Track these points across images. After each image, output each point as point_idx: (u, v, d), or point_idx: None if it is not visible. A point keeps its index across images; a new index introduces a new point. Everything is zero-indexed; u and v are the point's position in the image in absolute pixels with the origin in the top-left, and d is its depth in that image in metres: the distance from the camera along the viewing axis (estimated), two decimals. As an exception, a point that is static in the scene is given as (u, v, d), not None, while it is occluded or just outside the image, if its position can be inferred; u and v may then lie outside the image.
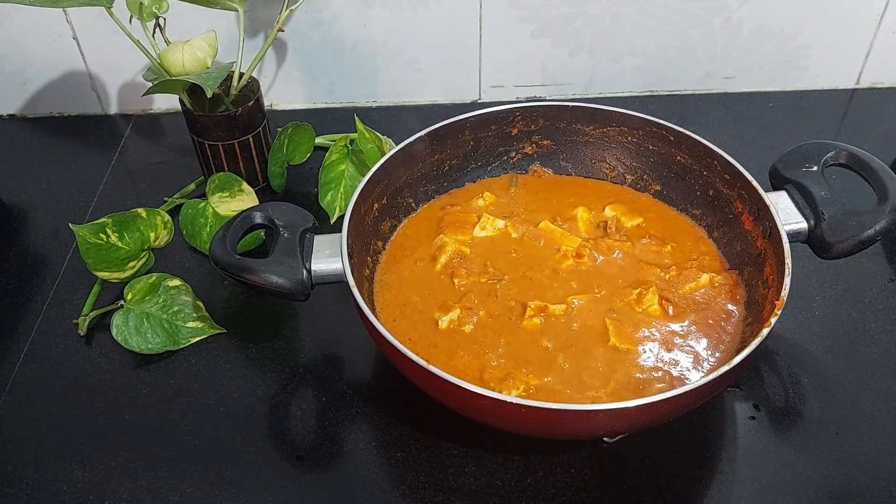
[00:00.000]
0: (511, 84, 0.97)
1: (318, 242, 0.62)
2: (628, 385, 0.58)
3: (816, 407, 0.63)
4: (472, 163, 0.76)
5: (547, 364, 0.59)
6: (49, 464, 0.61)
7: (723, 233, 0.69)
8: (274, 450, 0.61)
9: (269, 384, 0.66)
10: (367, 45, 0.92)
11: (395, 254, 0.70)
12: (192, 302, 0.70)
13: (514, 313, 0.63)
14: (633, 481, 0.58)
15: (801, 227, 0.63)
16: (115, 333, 0.67)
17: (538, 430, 0.58)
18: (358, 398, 0.65)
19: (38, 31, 0.91)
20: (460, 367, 0.60)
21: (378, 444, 0.62)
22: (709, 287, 0.65)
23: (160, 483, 0.60)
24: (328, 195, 0.79)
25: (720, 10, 0.90)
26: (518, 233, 0.70)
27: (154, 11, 0.74)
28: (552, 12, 0.90)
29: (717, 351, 0.60)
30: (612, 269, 0.67)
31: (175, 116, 0.98)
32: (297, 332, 0.71)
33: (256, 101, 0.79)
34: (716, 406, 0.63)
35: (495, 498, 0.58)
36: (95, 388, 0.66)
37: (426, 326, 0.63)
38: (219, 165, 0.81)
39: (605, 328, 0.62)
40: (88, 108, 0.98)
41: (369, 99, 0.98)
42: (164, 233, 0.74)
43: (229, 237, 0.62)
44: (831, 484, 0.58)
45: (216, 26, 0.78)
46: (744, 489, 0.58)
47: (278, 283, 0.59)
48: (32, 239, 0.82)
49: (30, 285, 0.76)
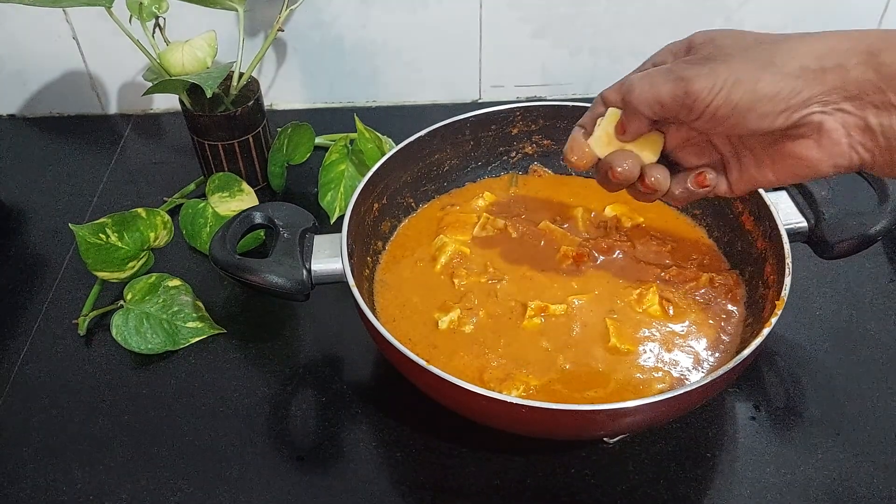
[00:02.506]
0: (511, 84, 0.97)
1: (318, 242, 0.62)
2: (628, 385, 0.58)
3: (816, 407, 0.63)
4: (472, 163, 0.76)
5: (547, 364, 0.59)
6: (49, 464, 0.61)
7: (723, 233, 0.69)
8: (274, 450, 0.61)
9: (269, 384, 0.66)
10: (367, 45, 0.92)
11: (395, 254, 0.70)
12: (192, 302, 0.70)
13: (514, 313, 0.63)
14: (633, 481, 0.58)
15: (801, 227, 0.63)
16: (115, 333, 0.67)
17: (538, 431, 0.57)
18: (358, 398, 0.65)
19: (38, 31, 0.91)
20: (460, 368, 0.60)
21: (378, 444, 0.62)
22: (709, 287, 0.65)
23: (160, 483, 0.60)
24: (328, 195, 0.79)
25: (720, 10, 0.90)
26: (518, 233, 0.70)
27: (154, 11, 0.74)
28: (552, 12, 0.90)
29: (717, 351, 0.60)
30: (612, 269, 0.67)
31: (175, 116, 0.98)
32: (297, 332, 0.71)
33: (256, 101, 0.79)
34: (716, 406, 0.63)
35: (495, 498, 0.58)
36: (95, 388, 0.66)
37: (426, 327, 0.63)
38: (219, 165, 0.81)
39: (606, 328, 0.61)
40: (88, 108, 0.98)
41: (369, 99, 0.98)
42: (163, 233, 0.74)
43: (229, 237, 0.62)
44: (831, 484, 0.58)
45: (216, 26, 0.78)
46: (744, 489, 0.58)
47: (278, 283, 0.59)
48: (32, 239, 0.82)
49: (30, 285, 0.76)
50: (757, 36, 0.42)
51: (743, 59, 0.41)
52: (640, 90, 0.44)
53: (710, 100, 0.41)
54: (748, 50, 0.41)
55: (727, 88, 0.41)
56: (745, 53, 0.41)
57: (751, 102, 0.40)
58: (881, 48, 0.38)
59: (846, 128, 0.40)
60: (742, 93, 0.40)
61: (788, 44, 0.40)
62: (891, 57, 0.38)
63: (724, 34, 0.43)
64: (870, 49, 0.38)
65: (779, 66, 0.40)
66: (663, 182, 0.49)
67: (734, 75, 0.40)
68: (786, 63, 0.40)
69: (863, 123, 0.40)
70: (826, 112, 0.40)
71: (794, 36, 0.41)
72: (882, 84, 0.38)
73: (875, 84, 0.38)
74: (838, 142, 0.41)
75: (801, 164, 0.43)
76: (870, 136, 0.40)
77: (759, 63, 0.40)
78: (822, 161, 0.42)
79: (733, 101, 0.41)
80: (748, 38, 0.42)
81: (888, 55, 0.38)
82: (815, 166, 0.42)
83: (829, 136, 0.41)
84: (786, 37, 0.41)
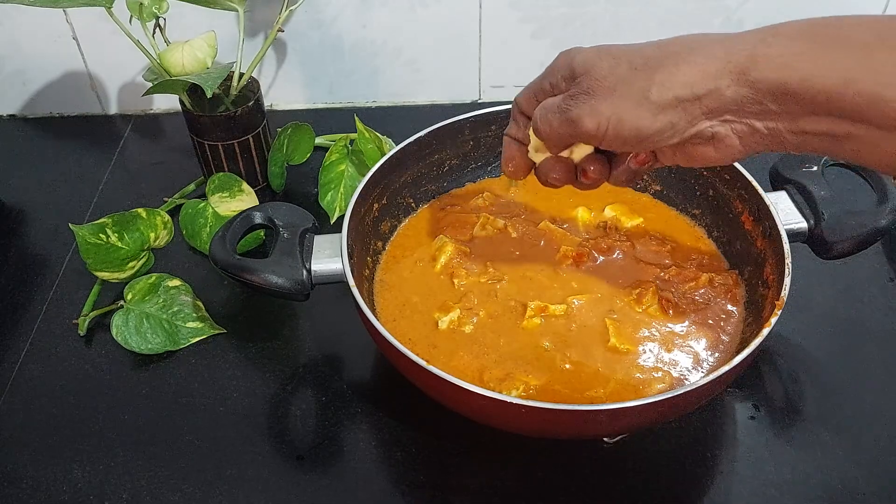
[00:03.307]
0: (511, 84, 0.97)
1: (317, 242, 0.62)
2: (628, 385, 0.58)
3: (816, 407, 0.63)
4: (472, 163, 0.76)
5: (547, 364, 0.59)
6: (49, 464, 0.61)
7: (723, 233, 0.69)
8: (274, 450, 0.61)
9: (268, 384, 0.66)
10: (367, 46, 0.92)
11: (395, 254, 0.70)
12: (192, 302, 0.70)
13: (514, 313, 0.63)
14: (633, 481, 0.58)
15: (801, 227, 0.63)
16: (115, 333, 0.67)
17: (538, 430, 0.58)
18: (358, 398, 0.65)
19: (38, 31, 0.91)
20: (460, 368, 0.60)
21: (378, 444, 0.62)
22: (709, 287, 0.65)
23: (160, 483, 0.60)
24: (328, 195, 0.79)
25: (720, 10, 0.90)
26: (518, 233, 0.70)
27: (154, 12, 0.74)
28: (552, 13, 0.90)
29: (717, 351, 0.60)
30: (612, 269, 0.67)
31: (175, 116, 0.98)
32: (297, 332, 0.71)
33: (256, 102, 0.79)
34: (716, 406, 0.63)
35: (495, 498, 0.58)
36: (95, 388, 0.66)
37: (426, 327, 0.63)
38: (219, 165, 0.81)
39: (605, 328, 0.61)
40: (88, 108, 0.98)
41: (369, 99, 0.98)
42: (163, 233, 0.74)
43: (229, 237, 0.62)
44: (831, 484, 0.58)
45: (216, 26, 0.78)
46: (744, 489, 0.58)
47: (278, 284, 0.59)
48: (32, 239, 0.82)
49: (30, 285, 0.76)
50: (630, 59, 0.43)
51: (621, 94, 0.42)
52: (542, 127, 0.47)
53: (602, 135, 0.44)
54: (624, 83, 0.42)
55: (613, 126, 0.43)
56: (622, 86, 0.42)
57: (638, 137, 0.43)
58: (749, 67, 0.40)
59: (736, 133, 0.42)
60: (628, 130, 0.43)
61: (662, 73, 0.41)
62: (761, 74, 0.39)
63: (599, 59, 0.44)
64: (740, 69, 0.40)
65: (655, 101, 0.42)
66: (601, 173, 0.50)
67: (616, 114, 0.43)
68: (661, 96, 0.41)
69: (750, 128, 0.42)
70: (713, 124, 0.42)
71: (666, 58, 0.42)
72: (756, 97, 0.40)
73: (751, 98, 0.40)
74: (732, 144, 0.43)
75: (705, 160, 0.45)
76: (759, 136, 0.42)
77: (635, 100, 0.42)
78: (722, 158, 0.44)
79: (623, 136, 0.43)
80: (622, 65, 0.43)
81: (758, 72, 0.39)
82: (721, 159, 0.44)
83: (722, 142, 0.43)
84: (658, 62, 0.42)
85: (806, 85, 0.38)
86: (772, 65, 0.39)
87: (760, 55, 0.39)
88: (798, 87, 0.38)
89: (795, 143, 0.41)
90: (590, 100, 0.43)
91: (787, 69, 0.39)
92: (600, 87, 0.43)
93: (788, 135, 0.41)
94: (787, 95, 0.39)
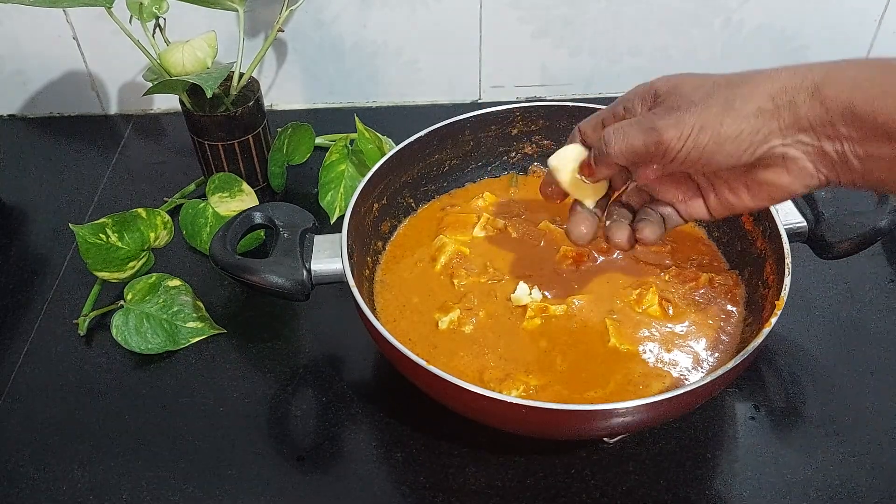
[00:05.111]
0: (511, 84, 0.97)
1: (317, 243, 0.62)
2: (628, 385, 0.58)
3: (816, 407, 0.63)
4: (472, 163, 0.76)
5: (547, 364, 0.59)
6: (49, 464, 0.61)
7: (723, 233, 0.69)
8: (274, 450, 0.61)
9: (269, 384, 0.66)
10: (367, 46, 0.92)
11: (395, 254, 0.70)
12: (192, 302, 0.70)
13: (513, 314, 0.63)
14: (633, 481, 0.58)
15: (801, 227, 0.63)
16: (115, 333, 0.67)
17: (538, 431, 0.58)
18: (358, 398, 0.65)
19: (38, 31, 0.91)
20: (460, 368, 0.60)
21: (378, 444, 0.62)
22: (709, 287, 0.65)
23: (160, 483, 0.60)
24: (328, 195, 0.79)
25: (720, 10, 0.90)
26: (518, 233, 0.70)
27: (154, 12, 0.74)
28: (552, 12, 0.90)
29: (717, 351, 0.60)
30: (612, 270, 0.67)
31: (175, 116, 0.98)
32: (297, 332, 0.71)
33: (256, 102, 0.79)
34: (716, 406, 0.63)
35: (495, 498, 0.58)
36: (95, 388, 0.66)
37: (426, 327, 0.63)
38: (219, 166, 0.81)
39: (605, 329, 0.61)
40: (88, 108, 0.98)
41: (369, 99, 0.98)
42: (164, 233, 0.74)
43: (229, 237, 0.62)
44: (831, 484, 0.58)
45: (216, 26, 0.78)
46: (744, 489, 0.58)
47: (278, 284, 0.59)
48: (32, 239, 0.82)
49: (30, 285, 0.76)
50: (716, 80, 0.46)
51: (705, 105, 0.45)
52: (616, 142, 0.48)
53: (681, 146, 0.45)
54: (710, 96, 0.45)
55: (694, 134, 0.45)
56: (707, 100, 0.45)
57: (716, 145, 0.45)
58: (822, 84, 0.42)
59: (808, 155, 0.44)
60: (708, 137, 0.45)
61: (745, 87, 0.44)
62: (832, 91, 0.42)
63: (685, 82, 0.47)
64: (815, 84, 0.42)
65: (738, 110, 0.44)
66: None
67: (699, 122, 0.45)
68: (744, 106, 0.44)
69: (820, 151, 0.43)
70: (787, 144, 0.44)
71: (750, 77, 0.45)
72: (828, 116, 0.42)
73: (823, 117, 0.42)
74: (805, 167, 0.44)
75: (775, 188, 0.46)
76: (829, 160, 0.44)
77: (720, 108, 0.44)
78: (793, 184, 0.46)
79: (701, 144, 0.45)
80: (707, 84, 0.46)
81: (829, 89, 0.42)
82: (788, 188, 0.46)
83: (795, 164, 0.44)
84: (742, 79, 0.45)
85: (873, 106, 0.40)
86: (843, 85, 0.41)
87: (833, 75, 0.42)
88: (865, 108, 0.40)
89: (861, 170, 0.43)
90: (675, 112, 0.46)
91: (856, 90, 0.41)
92: (686, 102, 0.46)
93: (855, 159, 0.42)
94: (855, 116, 0.41)
